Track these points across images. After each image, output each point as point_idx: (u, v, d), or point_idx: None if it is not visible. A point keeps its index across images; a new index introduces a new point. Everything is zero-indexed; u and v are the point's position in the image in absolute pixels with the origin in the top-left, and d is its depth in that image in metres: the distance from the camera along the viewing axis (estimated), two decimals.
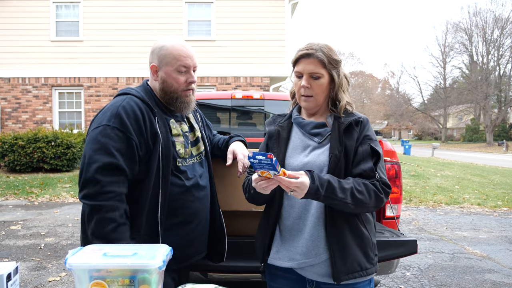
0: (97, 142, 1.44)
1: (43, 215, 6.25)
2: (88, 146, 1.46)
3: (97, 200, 1.40)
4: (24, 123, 13.05)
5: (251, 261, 1.86)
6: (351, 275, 1.39)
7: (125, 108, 1.50)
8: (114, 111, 1.49)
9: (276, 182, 1.26)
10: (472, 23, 40.93)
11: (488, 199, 8.30)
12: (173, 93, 1.62)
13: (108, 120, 1.48)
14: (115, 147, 1.44)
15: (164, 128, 1.57)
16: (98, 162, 1.41)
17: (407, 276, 3.81)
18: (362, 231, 1.43)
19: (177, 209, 1.58)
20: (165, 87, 1.61)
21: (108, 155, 1.43)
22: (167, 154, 1.54)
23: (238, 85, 13.26)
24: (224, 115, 3.70)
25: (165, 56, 1.59)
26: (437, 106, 47.16)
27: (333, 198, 1.31)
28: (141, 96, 1.57)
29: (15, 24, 12.85)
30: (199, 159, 1.72)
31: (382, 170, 1.44)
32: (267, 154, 1.16)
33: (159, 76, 1.61)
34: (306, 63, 1.46)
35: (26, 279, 3.56)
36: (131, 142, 1.47)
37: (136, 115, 1.50)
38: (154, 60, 1.61)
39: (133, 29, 12.96)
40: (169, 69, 1.59)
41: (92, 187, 1.41)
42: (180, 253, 1.55)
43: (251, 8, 13.20)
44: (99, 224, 1.40)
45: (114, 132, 1.46)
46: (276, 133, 1.57)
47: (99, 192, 1.40)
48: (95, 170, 1.41)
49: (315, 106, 1.52)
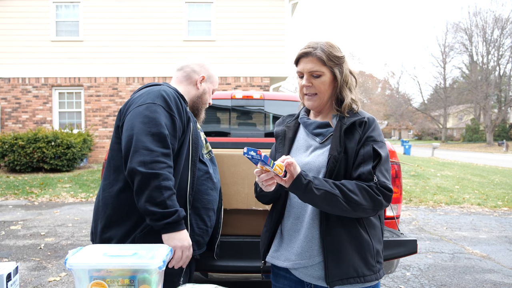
0: (146, 116, 1.51)
1: (43, 215, 6.24)
2: (136, 119, 1.51)
3: (154, 168, 1.44)
4: (24, 123, 13.06)
5: (251, 261, 1.86)
6: (345, 281, 1.34)
7: (166, 92, 1.61)
8: (157, 93, 1.59)
9: (276, 177, 1.26)
10: (472, 23, 40.95)
11: (488, 199, 8.30)
12: (205, 105, 1.88)
13: (152, 99, 1.56)
14: (164, 121, 1.52)
15: (192, 118, 1.71)
16: (151, 132, 1.47)
17: (407, 276, 3.81)
18: (362, 235, 1.37)
19: (201, 194, 1.68)
20: (202, 97, 1.85)
21: (159, 126, 1.50)
22: (196, 140, 1.67)
23: (238, 85, 13.26)
24: (224, 115, 3.70)
25: (213, 76, 1.89)
26: (437, 106, 47.16)
27: (319, 189, 1.27)
28: (174, 88, 1.70)
29: (15, 24, 12.85)
30: (209, 156, 1.84)
31: (384, 173, 1.36)
32: (257, 150, 1.16)
33: (202, 87, 1.84)
34: (306, 62, 1.44)
35: (26, 279, 3.56)
36: (174, 120, 1.57)
37: (176, 99, 1.62)
38: (204, 72, 1.85)
39: (133, 29, 12.96)
40: (210, 87, 1.88)
41: (147, 155, 1.45)
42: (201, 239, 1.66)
43: (251, 8, 13.19)
44: (157, 191, 1.44)
45: (160, 109, 1.54)
46: (282, 133, 1.57)
47: (155, 160, 1.45)
48: (148, 140, 1.46)
49: (319, 105, 1.49)
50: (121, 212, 1.56)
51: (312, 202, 1.32)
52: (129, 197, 1.53)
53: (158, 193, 1.43)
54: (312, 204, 1.34)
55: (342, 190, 1.29)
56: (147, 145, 1.45)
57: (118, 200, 1.56)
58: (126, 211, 1.55)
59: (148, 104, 1.54)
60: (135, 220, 1.55)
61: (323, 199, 1.28)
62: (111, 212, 1.57)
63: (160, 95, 1.58)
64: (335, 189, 1.29)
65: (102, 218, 1.59)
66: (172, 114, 1.56)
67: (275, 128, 1.62)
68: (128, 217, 1.55)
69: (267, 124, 3.76)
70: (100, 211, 1.61)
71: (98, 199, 1.64)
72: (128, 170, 1.46)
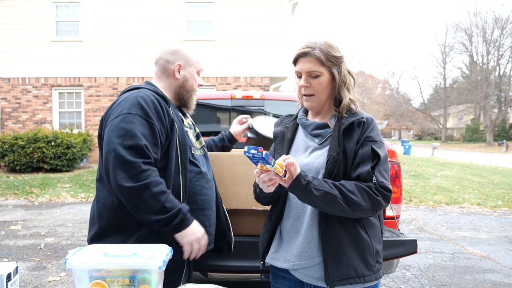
0: (122, 129, 1.46)
1: (43, 215, 6.24)
2: (112, 134, 1.46)
3: (140, 179, 1.40)
4: (24, 123, 13.06)
5: (251, 261, 1.86)
6: (345, 281, 1.33)
7: (143, 98, 1.54)
8: (133, 101, 1.52)
9: (276, 176, 1.25)
10: (472, 23, 40.95)
11: (488, 199, 8.30)
12: (192, 92, 1.77)
13: (128, 108, 1.50)
14: (140, 132, 1.47)
15: (177, 118, 1.64)
16: (127, 145, 1.43)
17: (407, 276, 3.81)
18: (361, 235, 1.36)
19: (195, 195, 1.64)
20: (186, 85, 1.74)
21: (134, 137, 1.45)
22: (183, 141, 1.61)
23: (238, 85, 13.26)
24: (224, 115, 3.70)
25: (191, 58, 1.75)
26: (437, 106, 47.15)
27: (318, 190, 1.27)
28: (154, 89, 1.64)
29: (15, 24, 12.85)
30: (203, 151, 1.80)
31: (383, 173, 1.36)
32: (258, 148, 1.16)
33: (181, 75, 1.73)
34: (304, 62, 1.43)
35: (26, 279, 3.56)
36: (154, 127, 1.51)
37: (154, 104, 1.55)
38: (179, 60, 1.72)
39: (133, 29, 12.96)
40: (192, 70, 1.75)
41: (130, 169, 1.41)
42: None
43: (251, 8, 13.19)
44: (153, 200, 1.42)
45: (136, 118, 1.49)
46: (281, 134, 1.56)
47: (139, 171, 1.41)
48: (126, 153, 1.42)
49: (317, 105, 1.48)
50: (115, 224, 1.54)
51: (311, 203, 1.32)
52: (123, 209, 1.50)
53: (154, 201, 1.42)
54: (311, 204, 1.34)
55: (341, 190, 1.29)
56: (126, 159, 1.41)
57: (112, 211, 1.54)
58: (120, 223, 1.53)
59: (124, 115, 1.48)
60: (129, 231, 1.53)
61: (322, 199, 1.28)
62: (105, 222, 1.55)
63: (137, 102, 1.51)
64: (334, 189, 1.29)
65: (96, 228, 1.58)
66: (151, 121, 1.50)
67: (274, 128, 1.62)
68: (120, 229, 1.53)
69: None
70: (94, 221, 1.60)
71: (93, 209, 1.62)
72: (115, 187, 1.44)
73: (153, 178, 1.43)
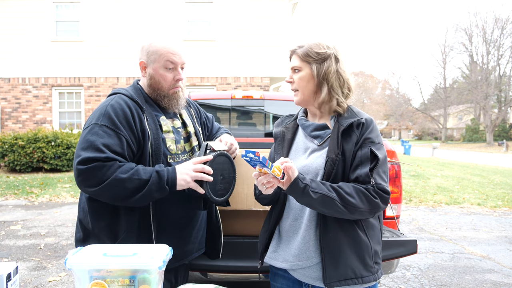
0: (86, 141, 1.44)
1: (43, 215, 6.24)
2: (79, 145, 1.46)
3: (105, 180, 1.38)
4: (24, 123, 13.05)
5: (251, 261, 1.86)
6: (343, 282, 1.33)
7: (113, 107, 1.50)
8: (103, 110, 1.50)
9: (274, 179, 1.26)
10: (472, 23, 41.16)
11: (488, 199, 8.30)
12: (160, 90, 1.62)
13: (96, 119, 1.49)
14: (103, 143, 1.43)
15: (153, 125, 1.56)
16: (88, 158, 1.40)
17: (407, 276, 3.81)
18: (360, 236, 1.36)
19: (171, 207, 1.58)
20: (152, 83, 1.62)
21: (95, 150, 1.41)
22: (157, 151, 1.53)
23: (238, 85, 13.26)
24: (224, 115, 3.70)
25: (153, 52, 1.59)
26: (437, 106, 47.17)
27: (316, 193, 1.27)
28: (130, 94, 1.57)
29: (15, 24, 12.85)
30: (192, 154, 1.71)
31: (382, 175, 1.35)
32: (255, 152, 1.16)
33: (147, 73, 1.62)
34: (292, 59, 1.49)
35: (26, 279, 3.56)
36: (121, 137, 1.47)
37: (125, 112, 1.50)
38: (143, 57, 1.62)
39: (133, 29, 12.95)
40: (156, 66, 1.59)
41: (91, 178, 1.40)
42: (179, 251, 1.55)
43: (251, 8, 13.19)
44: (126, 189, 1.39)
45: (102, 129, 1.45)
46: (281, 134, 1.56)
47: (103, 175, 1.39)
48: (87, 166, 1.40)
49: (302, 100, 1.49)
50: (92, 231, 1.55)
51: (309, 205, 1.32)
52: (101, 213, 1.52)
53: (130, 188, 1.40)
54: (309, 207, 1.34)
55: (339, 193, 1.29)
56: (86, 170, 1.40)
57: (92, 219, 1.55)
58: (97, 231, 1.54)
59: (91, 126, 1.47)
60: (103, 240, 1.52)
61: (319, 202, 1.28)
62: (87, 227, 1.57)
63: (105, 112, 1.48)
64: (332, 192, 1.29)
65: (81, 231, 1.59)
66: (118, 131, 1.46)
67: (274, 129, 1.62)
68: (96, 236, 1.54)
69: (267, 124, 3.77)
70: (79, 224, 1.62)
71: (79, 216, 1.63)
72: (91, 195, 1.46)
73: (115, 169, 1.40)
